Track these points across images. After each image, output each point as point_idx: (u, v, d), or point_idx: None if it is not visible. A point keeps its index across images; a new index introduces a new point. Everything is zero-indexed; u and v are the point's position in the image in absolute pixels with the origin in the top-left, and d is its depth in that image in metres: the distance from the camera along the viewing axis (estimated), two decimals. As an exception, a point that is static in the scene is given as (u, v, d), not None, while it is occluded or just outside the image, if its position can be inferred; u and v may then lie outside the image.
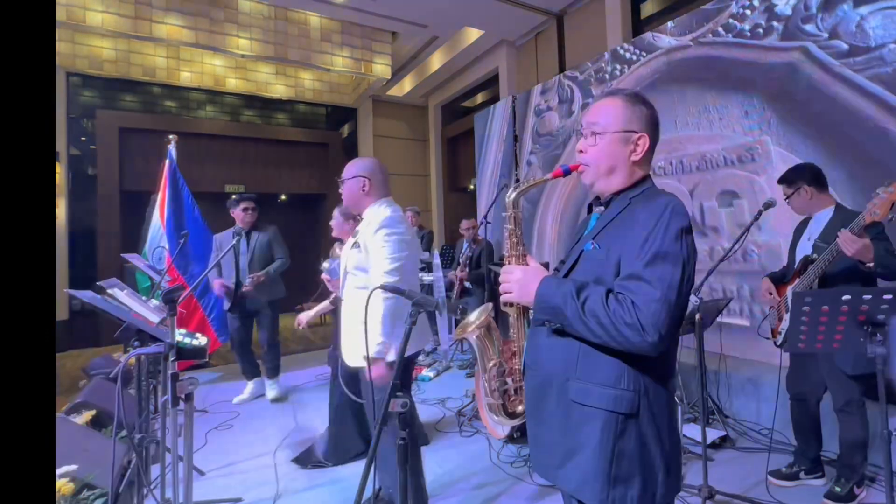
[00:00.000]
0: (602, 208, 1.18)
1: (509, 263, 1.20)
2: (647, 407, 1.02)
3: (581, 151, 1.16)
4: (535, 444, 1.17)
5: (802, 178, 2.25)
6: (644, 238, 1.01)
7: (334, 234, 2.91)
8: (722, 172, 3.01)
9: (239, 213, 3.86)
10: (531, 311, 1.23)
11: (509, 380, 1.29)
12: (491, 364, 1.29)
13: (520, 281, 1.12)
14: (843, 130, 2.59)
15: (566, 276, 1.16)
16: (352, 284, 2.04)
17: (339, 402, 2.76)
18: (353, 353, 2.00)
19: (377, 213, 2.01)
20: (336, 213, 2.88)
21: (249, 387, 4.00)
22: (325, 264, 2.11)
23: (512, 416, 1.29)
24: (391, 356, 1.85)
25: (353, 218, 2.73)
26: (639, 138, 1.11)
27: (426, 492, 2.06)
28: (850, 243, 1.88)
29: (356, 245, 2.01)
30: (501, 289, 1.15)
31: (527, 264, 1.18)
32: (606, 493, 1.00)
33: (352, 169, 2.06)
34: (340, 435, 2.79)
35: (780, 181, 2.34)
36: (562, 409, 1.07)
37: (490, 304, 1.36)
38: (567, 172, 1.18)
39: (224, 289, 3.74)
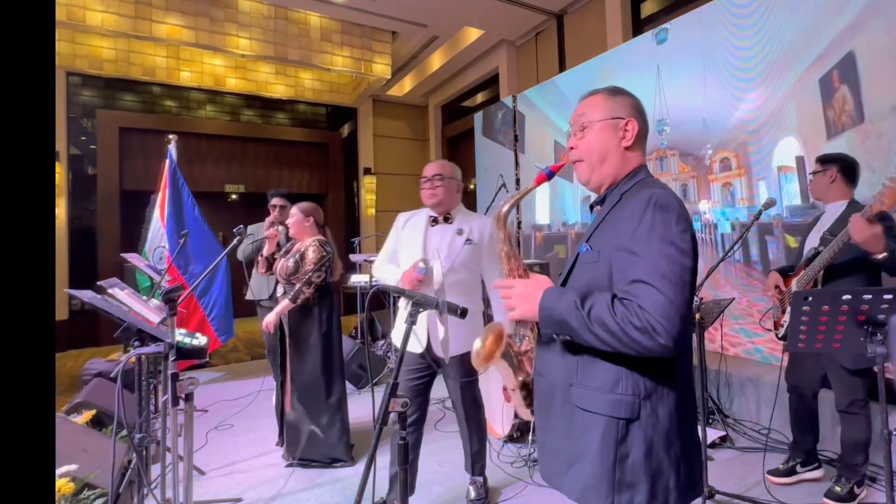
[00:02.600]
0: (599, 207, 1.15)
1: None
2: (652, 411, 0.99)
3: (572, 148, 1.16)
4: (542, 450, 1.15)
5: (835, 162, 2.22)
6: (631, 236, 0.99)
7: (292, 232, 2.77)
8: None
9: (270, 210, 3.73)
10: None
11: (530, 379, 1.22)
12: (520, 379, 1.20)
13: (521, 296, 1.07)
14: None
15: (565, 282, 1.14)
16: (460, 279, 2.09)
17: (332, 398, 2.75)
18: (467, 339, 1.99)
19: (472, 214, 2.21)
20: (296, 210, 2.75)
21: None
22: (421, 264, 2.08)
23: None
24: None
25: (312, 217, 2.76)
26: (626, 123, 1.11)
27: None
28: (860, 229, 1.84)
29: (468, 241, 2.10)
30: (505, 305, 1.11)
31: (527, 277, 1.13)
32: (612, 499, 0.98)
33: (450, 169, 2.17)
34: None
35: (817, 159, 2.30)
36: (566, 415, 1.06)
37: (497, 324, 1.28)
38: (550, 175, 1.16)
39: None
